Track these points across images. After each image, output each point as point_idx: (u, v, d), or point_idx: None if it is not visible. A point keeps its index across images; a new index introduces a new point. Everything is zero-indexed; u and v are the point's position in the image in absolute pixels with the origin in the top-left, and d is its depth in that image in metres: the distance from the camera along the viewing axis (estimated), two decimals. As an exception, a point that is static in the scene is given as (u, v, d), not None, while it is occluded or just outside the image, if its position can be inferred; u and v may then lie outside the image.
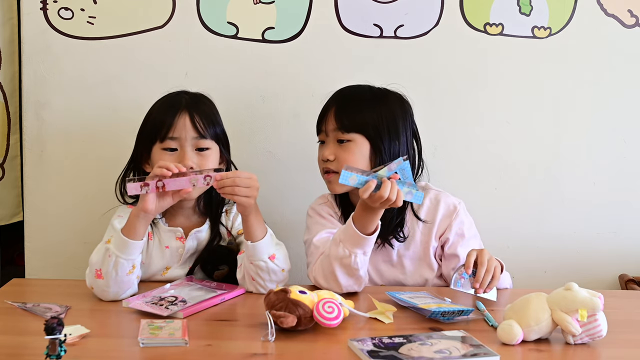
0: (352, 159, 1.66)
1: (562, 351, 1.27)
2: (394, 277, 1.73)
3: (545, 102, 2.04)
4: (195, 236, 1.70)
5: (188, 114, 1.65)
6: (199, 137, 1.65)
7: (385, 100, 1.71)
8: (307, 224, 1.78)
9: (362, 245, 1.55)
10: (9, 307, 1.45)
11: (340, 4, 1.98)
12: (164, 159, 1.61)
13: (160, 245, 1.69)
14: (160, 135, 1.64)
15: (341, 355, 1.23)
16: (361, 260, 1.56)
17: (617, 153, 2.06)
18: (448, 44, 2.00)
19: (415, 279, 1.73)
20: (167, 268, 1.70)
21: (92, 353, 1.22)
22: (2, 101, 2.04)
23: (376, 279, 1.74)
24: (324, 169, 1.71)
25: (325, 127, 1.71)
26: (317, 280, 1.61)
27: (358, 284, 1.58)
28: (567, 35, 2.01)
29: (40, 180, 2.02)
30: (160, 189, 1.49)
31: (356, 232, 1.53)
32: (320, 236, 1.69)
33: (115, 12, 1.97)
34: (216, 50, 1.99)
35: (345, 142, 1.67)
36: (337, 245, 1.56)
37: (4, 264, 2.20)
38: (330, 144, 1.70)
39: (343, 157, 1.67)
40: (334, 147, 1.69)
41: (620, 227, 2.08)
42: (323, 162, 1.71)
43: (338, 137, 1.68)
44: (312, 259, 1.67)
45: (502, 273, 1.62)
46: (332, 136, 1.69)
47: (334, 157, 1.68)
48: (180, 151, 1.64)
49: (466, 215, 1.73)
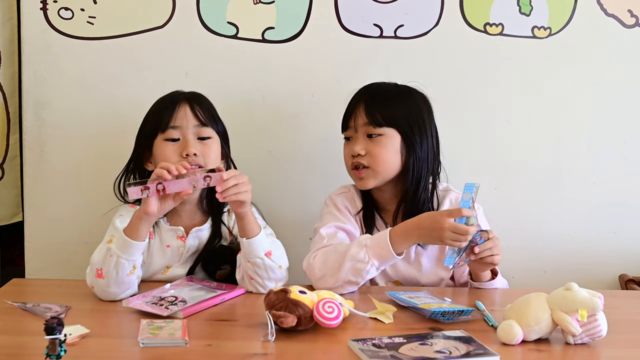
0: (384, 152, 1.67)
1: (562, 351, 1.27)
2: (410, 274, 1.73)
3: (545, 102, 2.04)
4: (197, 235, 1.70)
5: (188, 104, 1.67)
6: (200, 125, 1.66)
7: (411, 96, 1.72)
8: (321, 212, 1.77)
9: (384, 260, 1.56)
10: (9, 307, 1.45)
11: (340, 4, 1.98)
12: (166, 150, 1.63)
13: (162, 244, 1.69)
14: (161, 126, 1.65)
15: (341, 355, 1.23)
16: (373, 272, 1.57)
17: (617, 153, 2.06)
18: (448, 44, 2.00)
19: (431, 278, 1.73)
20: (167, 267, 1.70)
21: (92, 353, 1.22)
22: (2, 101, 2.04)
23: (391, 273, 1.73)
24: (354, 164, 1.70)
25: (354, 123, 1.70)
26: (313, 267, 1.60)
27: (351, 288, 1.58)
28: (567, 35, 2.01)
29: (40, 180, 2.02)
30: (161, 192, 1.49)
31: (388, 247, 1.54)
32: (329, 228, 1.69)
33: (115, 12, 1.97)
34: (216, 50, 1.99)
35: (376, 137, 1.67)
36: (359, 247, 1.56)
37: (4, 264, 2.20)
38: (360, 139, 1.69)
39: (375, 151, 1.67)
40: (364, 142, 1.68)
41: (620, 227, 2.08)
42: (352, 158, 1.70)
43: (369, 132, 1.68)
44: (314, 247, 1.66)
45: (497, 277, 1.65)
46: (362, 131, 1.69)
47: (365, 152, 1.67)
48: (182, 140, 1.64)
49: (483, 219, 1.74)
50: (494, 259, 1.54)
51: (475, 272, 1.63)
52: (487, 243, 1.53)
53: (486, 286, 1.64)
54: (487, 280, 1.64)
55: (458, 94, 2.02)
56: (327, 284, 1.55)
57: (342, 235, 1.68)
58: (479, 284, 1.64)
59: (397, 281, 1.74)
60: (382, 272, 1.68)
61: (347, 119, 1.73)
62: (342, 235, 1.68)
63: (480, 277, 1.64)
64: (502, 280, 1.68)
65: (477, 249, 1.52)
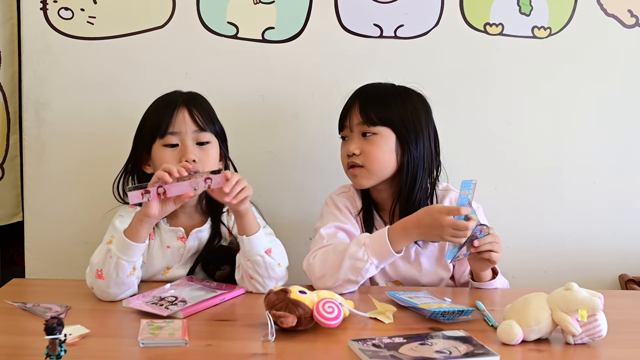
0: (378, 151, 1.67)
1: (562, 351, 1.27)
2: (410, 274, 1.73)
3: (545, 102, 2.04)
4: (197, 236, 1.70)
5: (186, 109, 1.66)
6: (199, 131, 1.66)
7: (408, 97, 1.72)
8: (321, 212, 1.77)
9: (383, 258, 1.56)
10: (9, 307, 1.45)
11: (340, 4, 1.98)
12: (165, 156, 1.62)
13: (162, 245, 1.69)
14: (160, 132, 1.64)
15: (341, 355, 1.23)
16: (372, 271, 1.57)
17: (617, 153, 2.06)
18: (448, 44, 2.00)
19: (431, 278, 1.73)
20: (168, 268, 1.70)
21: (92, 353, 1.22)
22: (2, 101, 2.04)
23: (391, 273, 1.73)
24: (349, 164, 1.71)
25: (349, 123, 1.71)
26: (312, 267, 1.60)
27: (351, 287, 1.58)
28: (567, 35, 2.01)
29: (40, 180, 2.02)
30: (162, 195, 1.48)
31: (387, 245, 1.54)
32: (329, 228, 1.69)
33: (115, 12, 1.97)
34: (216, 50, 1.99)
35: (370, 135, 1.68)
36: (358, 246, 1.56)
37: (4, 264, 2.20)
38: (355, 138, 1.70)
39: (368, 150, 1.67)
40: (359, 141, 1.69)
41: (621, 227, 2.08)
42: (347, 157, 1.71)
43: (363, 131, 1.68)
44: (314, 247, 1.66)
45: (497, 277, 1.65)
46: (357, 130, 1.69)
47: (360, 151, 1.68)
48: (181, 146, 1.64)
49: (483, 219, 1.74)
50: (493, 256, 1.54)
51: (476, 272, 1.63)
52: (487, 238, 1.53)
53: (487, 286, 1.64)
54: (487, 279, 1.64)
55: (458, 94, 2.02)
56: (327, 283, 1.56)
57: (342, 236, 1.69)
58: (479, 283, 1.64)
59: (397, 281, 1.74)
60: (382, 272, 1.68)
61: (342, 119, 1.74)
62: (342, 236, 1.68)
63: (481, 277, 1.64)
64: (503, 280, 1.68)
65: (477, 242, 1.52)
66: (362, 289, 1.62)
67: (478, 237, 1.52)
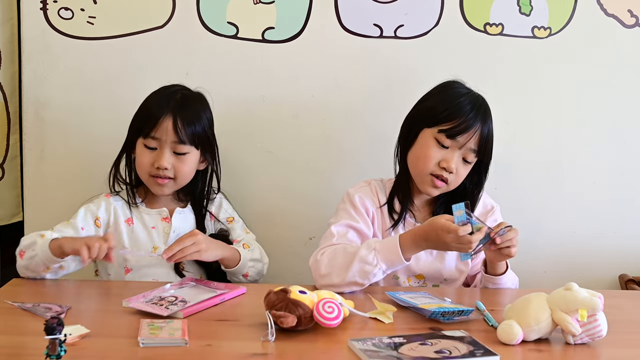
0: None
1: (562, 351, 1.27)
2: (433, 265, 1.72)
3: (545, 102, 2.04)
4: (181, 217, 1.76)
5: (172, 118, 1.70)
6: (178, 142, 1.71)
7: (489, 115, 1.74)
8: (337, 207, 1.76)
9: (392, 264, 1.57)
10: (9, 307, 1.45)
11: (340, 4, 1.98)
12: (142, 155, 1.71)
13: (145, 226, 1.75)
14: (143, 132, 1.71)
15: (341, 355, 1.23)
16: (379, 276, 1.58)
17: (617, 153, 2.06)
18: (448, 44, 2.00)
19: (453, 272, 1.73)
20: (155, 248, 1.74)
21: (92, 353, 1.22)
22: (2, 101, 2.04)
23: (414, 267, 1.71)
24: (435, 174, 1.68)
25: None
26: (319, 264, 1.60)
27: (356, 289, 1.58)
28: (567, 35, 2.01)
29: (40, 180, 2.02)
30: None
31: (398, 253, 1.55)
32: (340, 226, 1.69)
33: (115, 12, 1.97)
34: (216, 50, 1.99)
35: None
36: (368, 250, 1.57)
37: (4, 264, 2.20)
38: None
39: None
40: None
41: (621, 227, 2.08)
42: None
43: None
44: (323, 244, 1.66)
45: (507, 271, 1.65)
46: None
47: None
48: (158, 151, 1.71)
49: (500, 218, 1.76)
50: (511, 251, 1.55)
51: (492, 262, 1.63)
52: (509, 234, 1.53)
53: (498, 280, 1.64)
54: (501, 272, 1.64)
55: (458, 94, 2.02)
56: (332, 282, 1.56)
57: (353, 235, 1.68)
58: (492, 277, 1.65)
59: (420, 274, 1.74)
60: (406, 266, 1.67)
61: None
62: (352, 235, 1.68)
63: (495, 269, 1.64)
64: (514, 275, 1.68)
65: (499, 240, 1.52)
66: (362, 289, 1.62)
67: (501, 234, 1.52)
